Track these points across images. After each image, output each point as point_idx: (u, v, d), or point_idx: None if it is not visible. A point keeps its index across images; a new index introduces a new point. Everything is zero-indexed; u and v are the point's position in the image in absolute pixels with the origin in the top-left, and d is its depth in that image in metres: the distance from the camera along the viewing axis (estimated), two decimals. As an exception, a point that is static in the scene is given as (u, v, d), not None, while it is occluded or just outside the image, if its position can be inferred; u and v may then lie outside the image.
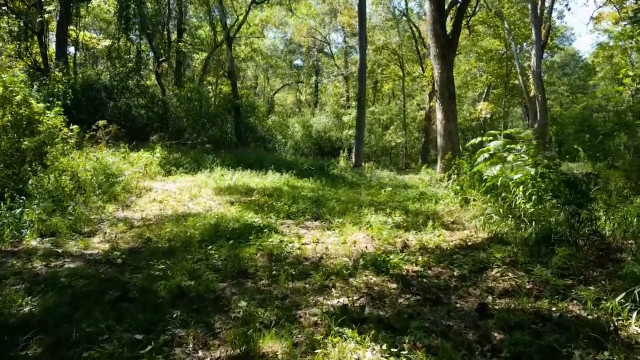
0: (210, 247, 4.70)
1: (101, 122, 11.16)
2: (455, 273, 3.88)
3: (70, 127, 9.30)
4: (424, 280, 3.75)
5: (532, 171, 4.74)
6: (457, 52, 13.91)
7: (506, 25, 23.35)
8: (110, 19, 22.57)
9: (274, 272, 3.97)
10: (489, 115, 28.50)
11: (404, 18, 26.77)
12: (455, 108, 10.79)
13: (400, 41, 26.49)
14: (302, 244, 4.93)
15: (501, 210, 4.95)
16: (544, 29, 22.23)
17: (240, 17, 18.96)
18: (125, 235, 5.44)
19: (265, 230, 5.33)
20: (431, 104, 23.03)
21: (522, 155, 5.03)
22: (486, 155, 5.19)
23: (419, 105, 31.23)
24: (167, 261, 4.27)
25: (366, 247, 4.75)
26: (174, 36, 22.98)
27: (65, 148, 8.59)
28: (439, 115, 10.56)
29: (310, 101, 36.41)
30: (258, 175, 10.72)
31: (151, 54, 21.16)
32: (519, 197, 4.74)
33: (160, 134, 15.24)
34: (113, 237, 5.36)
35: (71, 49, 21.84)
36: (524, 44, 28.03)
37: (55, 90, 12.67)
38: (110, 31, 23.29)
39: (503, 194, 5.20)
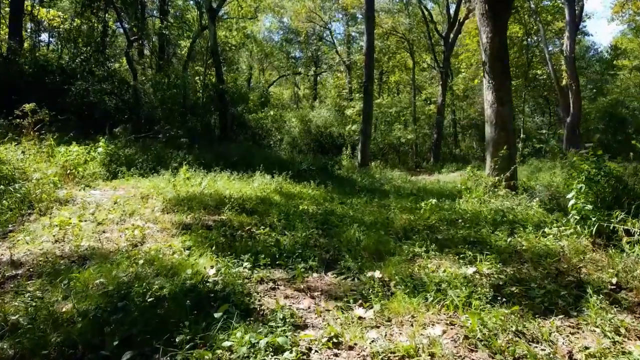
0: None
1: (28, 106, 8.23)
2: None
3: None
4: None
5: None
6: (512, 11, 10.79)
7: (532, 5, 20.46)
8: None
9: None
10: (507, 109, 25.51)
11: (414, 0, 23.87)
12: (510, 86, 7.88)
13: (410, 25, 23.52)
14: (302, 356, 2.04)
15: None
16: (576, 10, 19.38)
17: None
18: None
19: (220, 309, 2.41)
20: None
21: None
22: None
23: (427, 100, 28.26)
24: None
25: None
26: (157, 20, 19.97)
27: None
28: (488, 97, 7.65)
29: (309, 95, 33.36)
30: (241, 179, 7.81)
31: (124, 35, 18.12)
32: None
33: (125, 125, 12.27)
34: None
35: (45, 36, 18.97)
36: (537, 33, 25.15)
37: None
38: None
39: None
